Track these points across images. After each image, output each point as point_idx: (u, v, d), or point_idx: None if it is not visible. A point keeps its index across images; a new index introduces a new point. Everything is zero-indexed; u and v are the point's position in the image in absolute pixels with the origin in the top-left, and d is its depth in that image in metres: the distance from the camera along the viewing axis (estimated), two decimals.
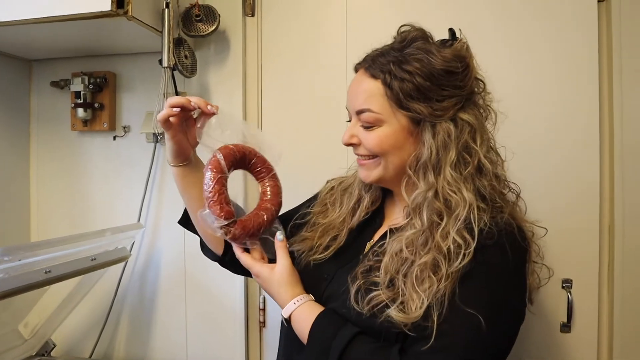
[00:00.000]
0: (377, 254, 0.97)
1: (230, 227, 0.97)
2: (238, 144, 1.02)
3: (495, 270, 0.89)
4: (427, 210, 0.92)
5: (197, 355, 1.78)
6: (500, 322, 0.88)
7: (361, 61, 1.02)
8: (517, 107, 1.50)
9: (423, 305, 0.85)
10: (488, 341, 0.86)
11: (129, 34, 1.56)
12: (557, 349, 1.51)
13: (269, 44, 1.73)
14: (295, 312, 0.98)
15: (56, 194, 1.90)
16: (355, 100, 0.99)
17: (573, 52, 1.48)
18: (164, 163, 1.78)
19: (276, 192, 1.07)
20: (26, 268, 1.22)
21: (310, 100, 1.68)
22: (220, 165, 0.97)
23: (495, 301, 0.88)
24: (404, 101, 0.93)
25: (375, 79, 0.96)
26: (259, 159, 1.05)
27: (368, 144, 0.98)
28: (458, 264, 0.86)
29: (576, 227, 1.48)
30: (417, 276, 0.88)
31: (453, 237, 0.87)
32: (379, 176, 1.00)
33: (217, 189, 0.95)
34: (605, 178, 1.48)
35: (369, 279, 0.94)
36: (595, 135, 1.47)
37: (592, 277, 1.48)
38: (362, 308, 0.91)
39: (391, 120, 0.95)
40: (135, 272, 1.82)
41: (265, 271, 1.01)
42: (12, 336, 1.60)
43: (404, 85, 0.92)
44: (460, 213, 0.89)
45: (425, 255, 0.89)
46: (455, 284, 0.86)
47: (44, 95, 1.89)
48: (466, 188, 0.91)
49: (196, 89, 1.74)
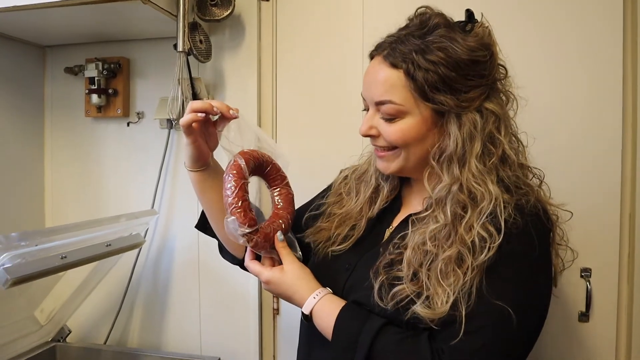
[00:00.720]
0: (397, 247, 0.95)
1: (252, 235, 0.95)
2: (255, 150, 1.01)
3: (523, 259, 0.87)
4: (451, 203, 0.90)
5: (210, 342, 1.78)
6: (530, 311, 0.87)
7: (377, 48, 0.96)
8: (539, 94, 1.48)
9: (449, 300, 0.83)
10: (518, 332, 0.84)
11: (143, 18, 1.54)
12: (575, 338, 1.49)
13: (284, 28, 1.71)
14: (317, 307, 0.95)
15: (70, 180, 1.90)
16: (374, 90, 0.94)
17: (597, 37, 1.45)
18: (178, 149, 1.77)
19: (290, 200, 1.06)
20: (42, 253, 1.22)
21: (326, 87, 1.66)
22: (242, 170, 0.95)
23: (523, 291, 0.86)
24: (429, 93, 0.89)
25: (396, 68, 0.91)
26: (274, 167, 1.05)
27: (389, 136, 0.94)
28: (484, 257, 0.84)
29: (596, 216, 1.45)
30: (441, 270, 0.86)
31: (477, 231, 0.85)
32: (399, 167, 0.98)
33: (240, 195, 0.94)
34: (627, 166, 1.45)
35: (392, 274, 0.92)
36: (618, 122, 1.44)
37: (611, 266, 1.46)
38: (386, 304, 0.89)
39: (414, 111, 0.91)
40: (149, 259, 1.82)
41: (275, 274, 0.98)
42: (28, 322, 1.62)
43: (428, 76, 0.88)
44: (485, 206, 0.87)
45: (448, 249, 0.87)
46: (482, 275, 0.84)
47: (58, 82, 1.88)
48: (490, 180, 0.90)
49: (210, 75, 1.73)
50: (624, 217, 1.45)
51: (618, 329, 1.47)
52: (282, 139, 1.72)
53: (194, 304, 1.79)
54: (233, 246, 1.17)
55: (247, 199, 0.95)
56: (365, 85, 0.98)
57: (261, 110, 1.72)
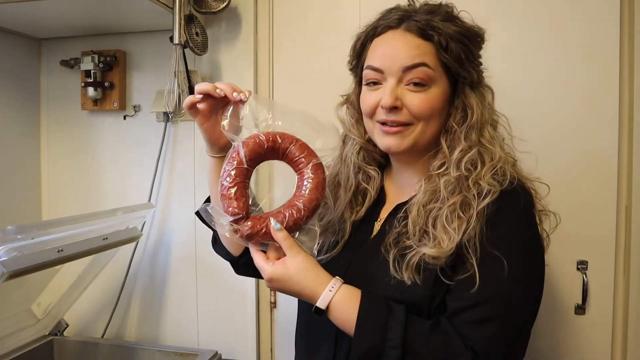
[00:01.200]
0: (402, 219, 0.97)
1: (239, 224, 0.89)
2: (270, 132, 0.91)
3: (521, 217, 0.93)
4: (465, 162, 0.94)
5: (208, 336, 1.78)
6: (531, 263, 0.93)
7: (389, 22, 0.97)
8: (536, 85, 1.48)
9: (454, 240, 0.88)
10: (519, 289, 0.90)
11: (139, 10, 1.54)
12: (571, 330, 1.50)
13: (281, 20, 1.70)
14: (335, 300, 0.89)
15: (67, 174, 1.89)
16: (402, 56, 0.93)
17: (594, 30, 1.45)
18: (174, 142, 1.77)
19: (314, 186, 0.92)
20: (39, 246, 1.22)
21: (324, 80, 1.65)
22: (239, 156, 0.89)
23: (524, 248, 0.92)
24: (465, 63, 0.95)
25: (426, 39, 0.94)
26: (298, 147, 0.92)
27: (418, 107, 0.94)
28: (488, 200, 0.90)
29: (592, 208, 1.46)
30: (447, 217, 0.90)
31: (482, 183, 0.92)
32: (413, 142, 0.97)
33: (230, 182, 0.88)
34: (623, 158, 1.45)
35: (400, 245, 0.94)
36: (614, 114, 1.44)
37: (608, 258, 1.46)
38: (402, 276, 0.91)
39: (439, 81, 0.95)
40: (146, 252, 1.82)
41: (279, 268, 0.90)
42: (25, 315, 1.62)
43: (460, 48, 0.94)
44: (493, 164, 0.94)
45: (453, 197, 0.92)
46: (483, 225, 0.89)
47: (54, 75, 1.87)
48: (498, 144, 0.98)
49: (207, 67, 1.72)
50: (620, 209, 1.45)
51: (614, 321, 1.47)
52: None
53: (191, 298, 1.79)
54: (229, 241, 1.12)
55: (235, 185, 0.88)
56: (385, 55, 0.96)
57: None
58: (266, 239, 0.91)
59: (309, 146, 0.93)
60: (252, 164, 0.91)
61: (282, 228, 0.90)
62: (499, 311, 0.87)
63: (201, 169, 1.75)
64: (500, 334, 0.87)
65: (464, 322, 0.87)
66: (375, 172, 1.09)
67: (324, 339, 1.01)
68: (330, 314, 0.89)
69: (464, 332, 0.87)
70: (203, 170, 1.73)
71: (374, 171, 1.09)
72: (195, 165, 1.76)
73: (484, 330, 0.86)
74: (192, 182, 1.76)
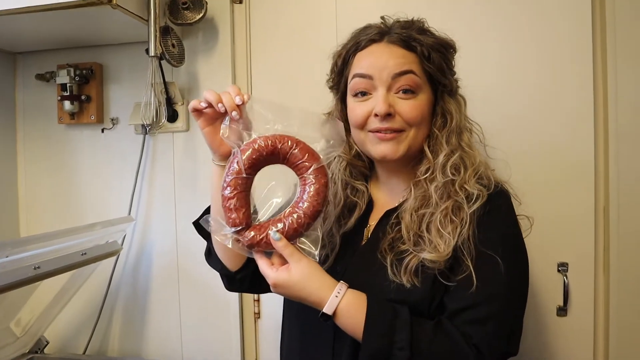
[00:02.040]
0: (395, 225, 1.00)
1: (241, 234, 0.89)
2: (269, 136, 0.89)
3: (507, 217, 1.00)
4: (449, 166, 0.99)
5: (192, 348, 1.76)
6: (519, 259, 0.99)
7: (371, 36, 1.01)
8: (508, 88, 1.50)
9: (450, 245, 0.92)
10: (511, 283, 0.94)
11: (114, 23, 1.53)
12: (553, 332, 1.50)
13: (257, 30, 1.70)
14: (341, 305, 0.89)
15: (45, 189, 1.87)
16: (391, 64, 0.98)
17: (566, 30, 1.46)
18: (153, 155, 1.76)
19: (315, 191, 0.90)
20: (14, 264, 1.20)
21: (301, 88, 1.65)
22: (238, 165, 0.88)
23: (512, 245, 0.98)
24: (445, 72, 1.02)
25: (410, 50, 0.99)
26: (300, 150, 0.90)
27: (410, 113, 0.98)
28: (478, 204, 0.95)
29: (571, 210, 1.47)
30: (440, 222, 0.95)
31: (469, 187, 0.97)
32: (407, 148, 1.01)
33: (229, 193, 0.88)
34: (600, 160, 1.46)
35: (397, 249, 0.97)
36: (589, 116, 1.45)
37: (588, 260, 1.47)
38: (400, 279, 0.93)
39: (424, 89, 1.00)
40: (127, 266, 1.80)
41: (282, 275, 0.89)
42: (3, 334, 1.59)
43: (439, 58, 1.00)
44: (475, 168, 1.00)
45: (444, 202, 0.96)
46: (474, 227, 0.94)
47: (30, 89, 1.85)
48: (476, 149, 1.05)
49: (185, 79, 1.72)
50: (598, 210, 1.47)
51: (596, 322, 1.48)
52: None
53: (174, 310, 1.77)
54: (224, 253, 1.10)
55: (235, 196, 0.88)
56: (373, 64, 0.99)
57: None
58: (268, 247, 0.91)
59: (310, 148, 0.92)
60: (252, 171, 0.90)
61: (282, 237, 0.90)
62: (498, 309, 0.92)
63: (181, 180, 1.74)
64: (501, 331, 0.92)
65: (466, 322, 0.91)
66: (363, 186, 1.11)
67: (320, 349, 1.02)
68: (338, 319, 0.90)
69: (466, 332, 0.90)
70: (182, 182, 1.73)
71: (361, 185, 1.11)
72: (175, 177, 1.75)
73: (485, 328, 0.90)
74: (172, 194, 1.75)
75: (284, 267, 0.91)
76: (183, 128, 1.71)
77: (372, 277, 0.97)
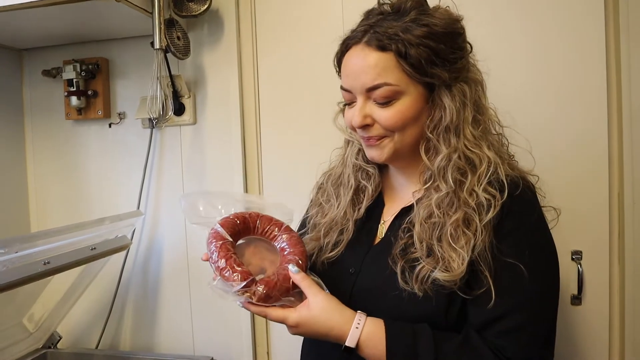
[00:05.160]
0: (407, 230, 0.96)
1: (252, 287, 0.88)
2: (235, 213, 0.98)
3: (526, 217, 0.92)
4: (452, 171, 0.92)
5: (203, 342, 1.76)
6: (547, 262, 0.93)
7: (355, 36, 0.95)
8: (522, 74, 1.47)
9: (464, 262, 0.86)
10: (539, 288, 0.90)
11: (118, 16, 1.52)
12: (568, 321, 1.49)
13: (263, 21, 1.68)
14: (363, 337, 0.88)
15: (54, 185, 1.87)
16: (363, 78, 0.93)
17: (580, 12, 1.43)
18: (161, 148, 1.75)
19: (295, 242, 0.97)
20: (24, 260, 1.19)
21: (310, 80, 1.63)
22: (220, 234, 0.92)
23: (536, 247, 0.91)
24: (427, 67, 0.90)
25: (384, 51, 0.91)
26: (264, 220, 1.00)
27: (387, 121, 0.93)
28: (490, 215, 0.88)
29: (585, 197, 1.45)
30: (451, 235, 0.89)
31: (480, 193, 0.90)
32: (392, 152, 0.97)
33: (224, 254, 0.89)
34: (614, 146, 1.43)
35: (408, 257, 0.93)
36: (603, 104, 1.43)
37: (602, 247, 1.45)
38: (412, 287, 0.90)
39: (408, 90, 0.92)
40: (137, 260, 1.80)
41: (303, 312, 0.89)
42: (17, 330, 1.60)
43: (421, 52, 0.90)
44: (484, 169, 0.92)
45: (454, 214, 0.90)
46: (492, 236, 0.88)
47: (37, 85, 1.85)
48: (485, 145, 0.95)
49: (191, 71, 1.71)
50: (612, 197, 1.44)
51: (611, 310, 1.46)
52: (266, 133, 1.70)
53: (185, 304, 1.77)
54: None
55: (231, 256, 0.90)
56: (349, 76, 0.96)
57: (244, 105, 1.70)
58: (282, 291, 0.90)
59: (270, 216, 1.00)
60: (234, 238, 0.95)
61: (300, 270, 0.91)
62: (529, 317, 0.88)
63: (189, 173, 1.74)
64: (534, 339, 0.89)
65: (498, 333, 0.88)
66: (373, 169, 1.09)
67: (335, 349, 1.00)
68: (361, 351, 0.89)
69: (499, 344, 0.87)
70: (190, 175, 1.73)
71: (372, 168, 1.09)
72: (183, 170, 1.74)
73: (519, 338, 0.87)
74: (180, 187, 1.74)
75: (302, 303, 0.90)
76: (190, 121, 1.70)
77: (384, 286, 0.95)
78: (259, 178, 1.70)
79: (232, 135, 1.69)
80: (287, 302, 0.92)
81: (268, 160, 1.70)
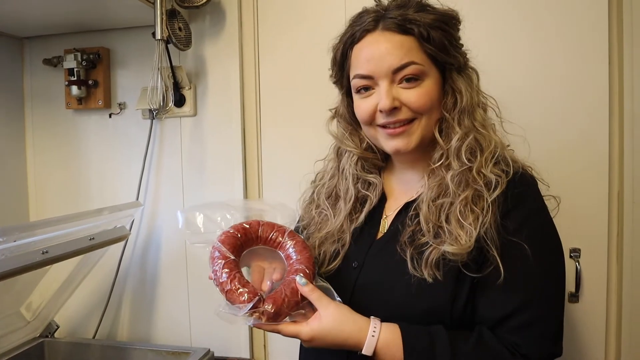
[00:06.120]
0: (414, 217, 0.96)
1: (259, 307, 0.86)
2: (234, 225, 0.96)
3: (531, 199, 0.94)
4: (464, 150, 0.94)
5: (200, 333, 1.77)
6: (554, 249, 0.95)
7: (365, 27, 0.96)
8: (522, 69, 1.47)
9: (472, 236, 0.87)
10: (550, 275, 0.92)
11: (120, 6, 1.51)
12: (566, 319, 1.47)
13: (265, 13, 1.67)
14: (380, 344, 0.88)
15: (54, 174, 1.87)
16: (389, 59, 0.93)
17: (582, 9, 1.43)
18: (161, 140, 1.75)
19: (300, 248, 0.96)
20: (22, 249, 1.19)
21: (312, 73, 1.62)
22: (223, 253, 0.90)
23: (540, 228, 0.94)
24: (449, 49, 0.94)
25: (406, 34, 0.93)
26: (266, 227, 0.97)
27: (418, 101, 0.94)
28: (499, 191, 0.90)
29: (584, 195, 1.44)
30: (460, 212, 0.90)
31: (487, 172, 0.92)
32: (420, 138, 0.97)
33: (227, 274, 0.88)
34: (614, 144, 1.43)
35: (416, 243, 0.93)
36: (604, 101, 1.42)
37: (601, 246, 1.45)
38: (421, 273, 0.90)
39: (430, 72, 0.95)
40: (135, 251, 1.80)
41: (315, 326, 0.88)
42: (14, 318, 1.60)
43: (440, 35, 0.93)
44: (491, 151, 0.95)
45: (463, 192, 0.92)
46: (498, 217, 0.90)
47: (37, 74, 1.85)
48: (490, 128, 0.99)
49: (192, 62, 1.70)
50: (612, 196, 1.44)
51: (608, 309, 1.46)
52: (266, 125, 1.69)
53: (183, 295, 1.77)
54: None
55: (236, 276, 0.88)
56: (371, 61, 0.95)
57: (244, 97, 1.69)
58: (292, 306, 0.89)
59: (272, 222, 0.98)
60: (236, 254, 0.93)
61: (308, 282, 0.90)
62: (540, 308, 0.89)
63: (188, 164, 1.74)
64: (546, 332, 0.90)
65: (512, 329, 0.88)
66: (375, 179, 1.08)
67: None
68: (379, 357, 0.89)
69: (514, 340, 0.88)
70: (190, 166, 1.72)
71: (374, 178, 1.08)
72: (183, 162, 1.74)
73: (532, 332, 0.88)
74: (179, 178, 1.74)
75: (313, 317, 0.89)
76: (190, 113, 1.70)
77: (391, 273, 0.95)
78: (259, 170, 1.69)
79: (232, 127, 1.68)
80: (299, 315, 0.91)
81: (268, 152, 1.70)
